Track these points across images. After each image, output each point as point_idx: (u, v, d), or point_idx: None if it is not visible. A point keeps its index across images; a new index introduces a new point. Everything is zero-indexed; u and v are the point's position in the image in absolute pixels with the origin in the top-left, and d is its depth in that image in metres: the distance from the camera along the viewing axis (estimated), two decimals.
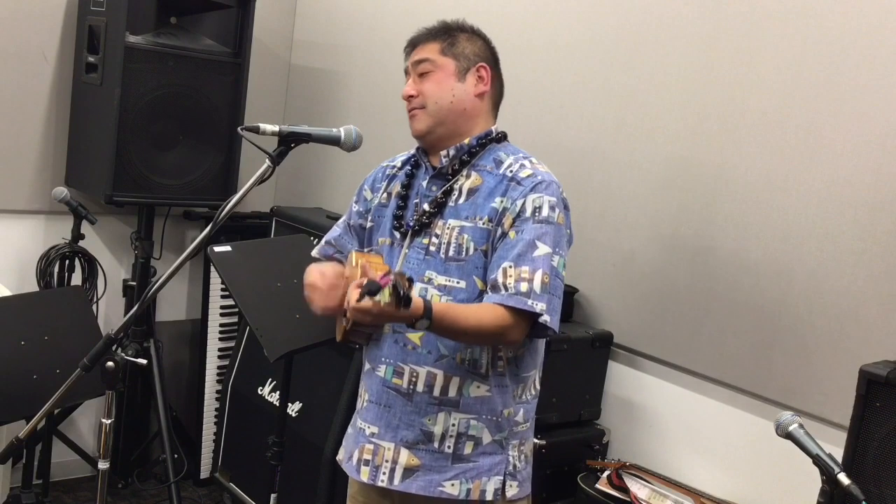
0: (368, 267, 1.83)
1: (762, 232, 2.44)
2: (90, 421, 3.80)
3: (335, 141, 2.04)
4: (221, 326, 3.81)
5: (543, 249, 1.89)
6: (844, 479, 1.65)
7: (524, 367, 2.03)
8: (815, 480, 1.71)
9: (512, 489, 2.00)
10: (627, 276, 2.78)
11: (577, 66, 2.92)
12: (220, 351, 3.79)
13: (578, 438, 2.73)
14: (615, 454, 2.78)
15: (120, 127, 3.22)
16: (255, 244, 2.88)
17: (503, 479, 1.98)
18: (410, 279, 1.65)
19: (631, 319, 2.78)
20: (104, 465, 2.12)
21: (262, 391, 3.35)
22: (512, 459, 2.00)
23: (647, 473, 2.58)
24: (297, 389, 2.86)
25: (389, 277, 1.60)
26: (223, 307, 3.81)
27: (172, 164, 3.40)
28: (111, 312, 3.73)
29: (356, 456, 2.04)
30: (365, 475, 2.01)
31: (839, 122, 2.29)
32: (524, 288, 1.86)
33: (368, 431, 2.02)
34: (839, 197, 2.29)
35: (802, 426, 1.77)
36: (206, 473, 3.75)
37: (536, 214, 1.91)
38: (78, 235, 3.36)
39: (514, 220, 1.92)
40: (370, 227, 2.14)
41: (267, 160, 1.97)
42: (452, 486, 1.95)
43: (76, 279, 3.44)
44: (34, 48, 3.45)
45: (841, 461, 1.78)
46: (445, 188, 2.01)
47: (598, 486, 2.52)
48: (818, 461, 1.69)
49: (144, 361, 2.29)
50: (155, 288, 2.05)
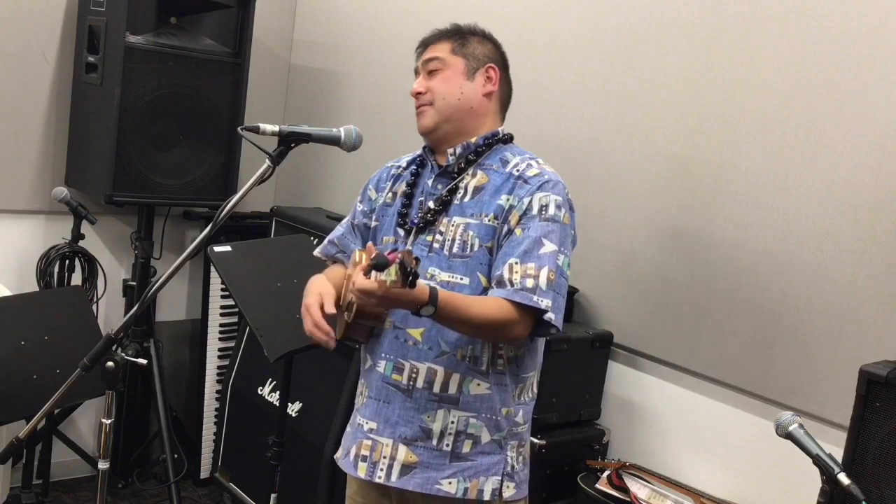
0: (375, 250, 1.83)
1: (762, 232, 2.44)
2: (90, 421, 3.80)
3: (335, 141, 2.04)
4: (221, 326, 3.81)
5: (549, 247, 1.90)
6: (844, 479, 1.65)
7: (524, 367, 2.03)
8: (815, 480, 1.71)
9: (509, 490, 1.99)
10: (627, 275, 2.78)
11: (577, 66, 2.92)
12: (220, 351, 3.79)
13: (578, 438, 2.73)
14: (615, 454, 2.78)
15: (120, 127, 3.22)
16: (255, 244, 2.89)
17: (501, 479, 1.98)
18: (417, 258, 1.64)
19: (631, 319, 2.78)
20: (104, 465, 2.12)
21: (262, 391, 3.35)
22: (510, 460, 2.00)
23: (647, 473, 2.58)
24: (297, 389, 2.86)
25: (396, 254, 1.60)
26: (223, 307, 3.81)
27: (172, 164, 3.40)
28: (111, 312, 3.73)
29: (353, 452, 2.04)
30: (362, 471, 2.01)
31: (839, 122, 2.29)
32: (530, 284, 1.86)
33: (367, 427, 2.02)
34: (839, 197, 2.29)
35: (802, 426, 1.77)
36: (206, 473, 3.75)
37: (543, 213, 1.92)
38: (78, 235, 3.36)
39: (520, 217, 1.92)
40: (374, 226, 2.14)
41: (267, 160, 1.97)
42: (450, 484, 1.95)
43: (76, 279, 3.45)
44: (34, 48, 3.45)
45: (841, 461, 1.78)
46: (451, 186, 2.02)
47: (598, 486, 2.52)
48: (818, 461, 1.69)
49: (144, 361, 2.29)
50: (155, 288, 2.05)
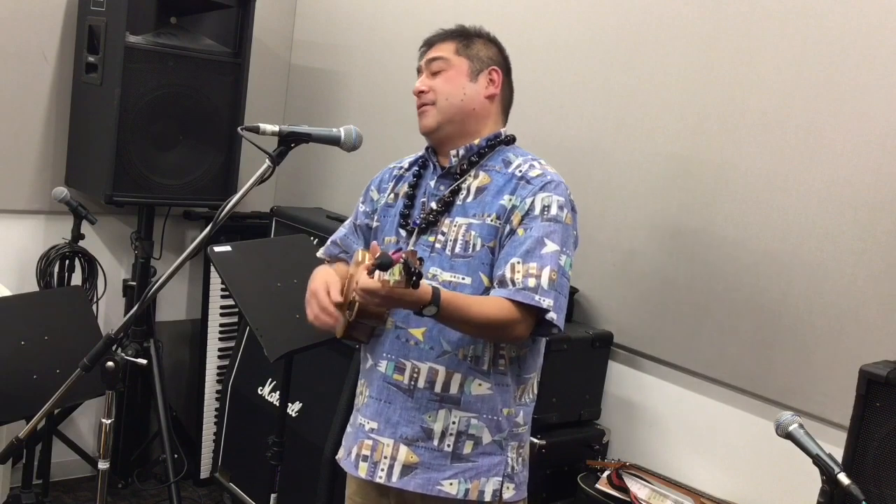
0: (378, 250, 1.83)
1: (762, 232, 2.44)
2: (90, 421, 3.80)
3: (335, 141, 2.04)
4: (221, 326, 3.81)
5: (551, 247, 1.90)
6: (844, 479, 1.65)
7: (526, 368, 2.03)
8: (815, 480, 1.71)
9: (509, 491, 1.99)
10: (627, 275, 2.78)
11: (577, 66, 2.92)
12: (220, 351, 3.79)
13: (578, 438, 2.72)
14: (615, 454, 2.78)
15: (120, 127, 3.22)
16: (255, 244, 2.89)
17: (501, 480, 1.98)
18: (421, 259, 1.64)
19: (631, 319, 2.78)
20: (104, 465, 2.12)
21: (262, 391, 3.35)
22: (510, 461, 2.00)
23: (647, 473, 2.58)
24: (297, 389, 2.86)
25: (401, 254, 1.60)
26: (223, 307, 3.81)
27: (172, 164, 3.40)
28: (111, 312, 3.73)
29: (354, 451, 2.04)
30: (363, 471, 2.01)
31: (839, 122, 2.29)
32: (532, 283, 1.86)
33: (368, 427, 2.02)
34: (839, 197, 2.29)
35: (802, 426, 1.77)
36: (206, 473, 3.75)
37: (545, 213, 1.92)
38: (78, 235, 3.36)
39: (522, 217, 1.93)
40: (376, 226, 2.14)
41: (267, 160, 1.97)
42: (451, 485, 1.95)
43: (76, 279, 3.45)
44: (34, 48, 3.45)
45: (841, 461, 1.78)
46: (453, 187, 2.02)
47: (598, 486, 2.52)
48: (818, 461, 1.69)
49: (144, 361, 2.29)
50: (155, 288, 2.05)
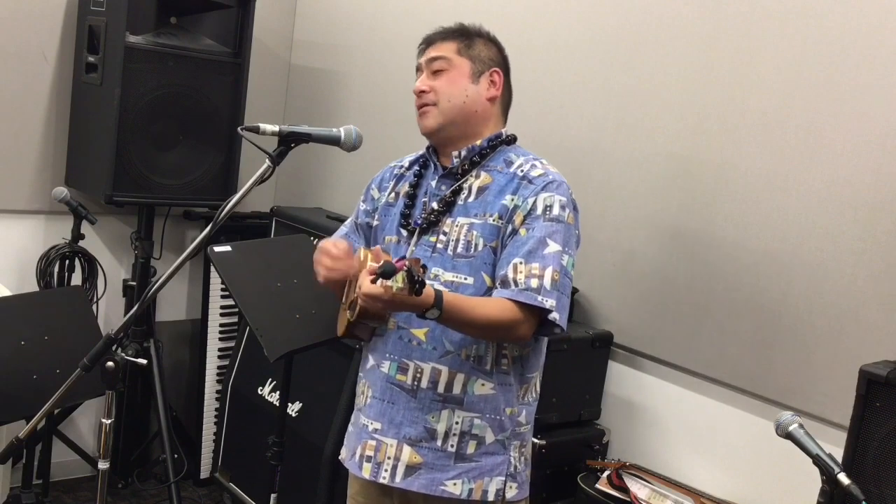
0: (382, 255, 1.83)
1: (762, 232, 2.44)
2: (90, 421, 3.80)
3: (335, 141, 2.04)
4: (221, 326, 3.81)
5: (554, 247, 1.90)
6: (844, 479, 1.65)
7: (529, 367, 2.03)
8: (815, 480, 1.71)
9: (512, 490, 2.00)
10: (627, 275, 2.78)
11: (577, 66, 2.92)
12: (220, 351, 3.79)
13: (578, 438, 2.73)
14: (615, 454, 2.78)
15: (120, 127, 3.22)
16: (255, 244, 2.88)
17: (504, 479, 1.98)
18: (424, 266, 1.64)
19: (631, 319, 2.78)
20: (104, 465, 2.12)
21: (262, 391, 3.35)
22: (513, 460, 2.00)
23: (647, 473, 2.58)
24: (297, 389, 2.86)
25: (404, 262, 1.60)
26: (223, 307, 3.81)
27: (172, 164, 3.40)
28: (111, 312, 3.73)
29: (358, 452, 2.04)
30: (367, 472, 2.01)
31: (839, 122, 2.29)
32: (534, 284, 1.86)
33: (371, 428, 2.02)
34: (839, 197, 2.29)
35: (802, 426, 1.77)
36: (206, 473, 3.75)
37: (547, 213, 1.92)
38: (78, 235, 3.36)
39: (524, 217, 1.93)
40: (377, 225, 2.15)
41: (267, 160, 1.97)
42: (454, 485, 1.95)
43: (76, 279, 3.44)
44: (34, 48, 3.45)
45: (841, 461, 1.78)
46: (455, 187, 2.02)
47: (598, 486, 2.52)
48: (818, 461, 1.69)
49: (144, 361, 2.29)
50: (155, 288, 2.05)
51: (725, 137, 2.53)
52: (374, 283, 1.65)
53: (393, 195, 2.13)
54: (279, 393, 2.66)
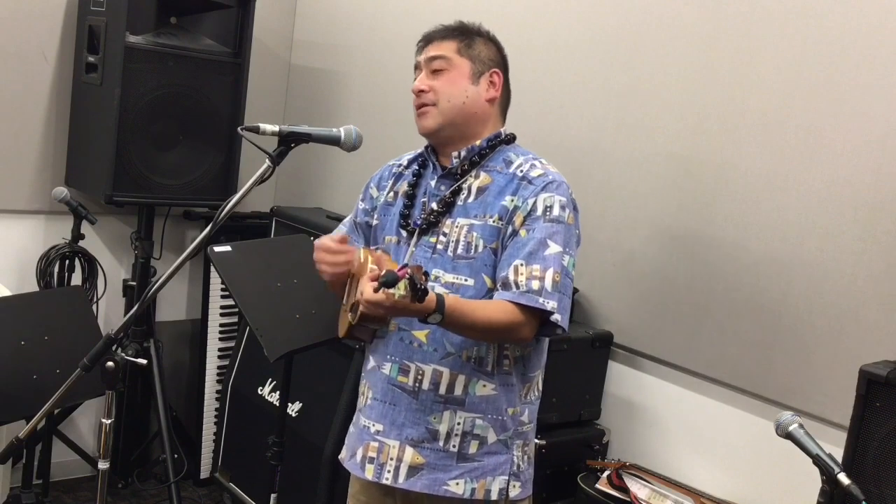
0: (383, 259, 1.82)
1: (762, 232, 2.44)
2: (90, 421, 3.80)
3: (335, 141, 2.04)
4: (221, 326, 3.81)
5: (554, 248, 1.90)
6: (844, 479, 1.65)
7: (531, 366, 2.03)
8: (815, 480, 1.71)
9: (515, 489, 2.00)
10: (627, 275, 2.78)
11: (577, 66, 2.92)
12: (220, 351, 3.79)
13: (578, 438, 2.73)
14: (615, 454, 2.78)
15: (120, 127, 3.22)
16: (255, 244, 2.88)
17: (507, 479, 1.98)
18: (426, 273, 1.64)
19: (631, 319, 2.78)
20: (104, 465, 2.12)
21: (262, 391, 3.35)
22: (516, 459, 2.01)
23: (647, 473, 2.58)
24: (297, 389, 2.86)
25: (406, 270, 1.60)
26: (223, 307, 3.81)
27: (172, 164, 3.40)
28: (111, 312, 3.73)
29: (360, 454, 2.04)
30: (369, 473, 2.01)
31: (839, 122, 2.29)
32: (536, 286, 1.86)
33: (373, 429, 2.02)
34: (839, 197, 2.29)
35: (802, 426, 1.77)
36: (206, 473, 3.75)
37: (547, 213, 1.92)
38: (78, 235, 3.36)
39: (524, 218, 1.92)
40: (376, 224, 2.14)
41: (267, 160, 1.97)
42: (457, 485, 1.95)
43: (76, 279, 3.44)
44: (34, 48, 3.45)
45: (841, 461, 1.78)
46: (454, 188, 2.01)
47: (598, 486, 2.52)
48: (818, 461, 1.69)
49: (144, 361, 2.28)
50: (155, 288, 2.05)
51: (725, 137, 2.53)
52: (376, 291, 1.65)
53: (392, 194, 2.13)
54: (279, 393, 2.66)
